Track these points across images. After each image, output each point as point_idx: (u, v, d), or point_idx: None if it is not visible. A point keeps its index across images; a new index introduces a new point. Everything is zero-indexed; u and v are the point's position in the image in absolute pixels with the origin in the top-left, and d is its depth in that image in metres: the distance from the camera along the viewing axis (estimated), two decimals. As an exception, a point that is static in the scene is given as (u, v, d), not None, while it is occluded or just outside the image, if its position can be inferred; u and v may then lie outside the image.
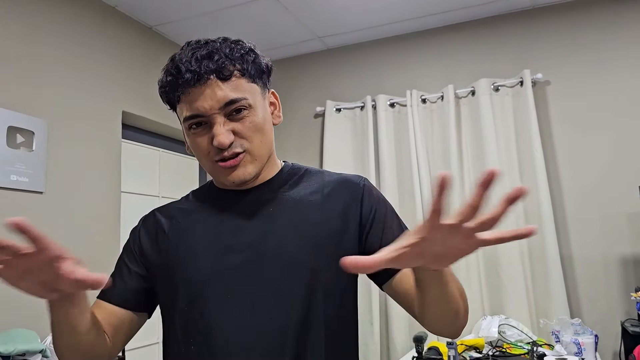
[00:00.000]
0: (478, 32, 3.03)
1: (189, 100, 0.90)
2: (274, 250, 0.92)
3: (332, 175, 1.05)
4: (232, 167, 0.92)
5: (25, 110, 2.14)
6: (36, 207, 2.15)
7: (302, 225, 0.95)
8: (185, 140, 0.99)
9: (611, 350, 2.57)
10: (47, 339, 1.94)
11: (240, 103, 0.90)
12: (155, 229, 1.03)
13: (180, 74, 0.89)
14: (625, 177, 2.62)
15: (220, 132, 0.89)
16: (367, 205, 0.99)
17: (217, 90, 0.89)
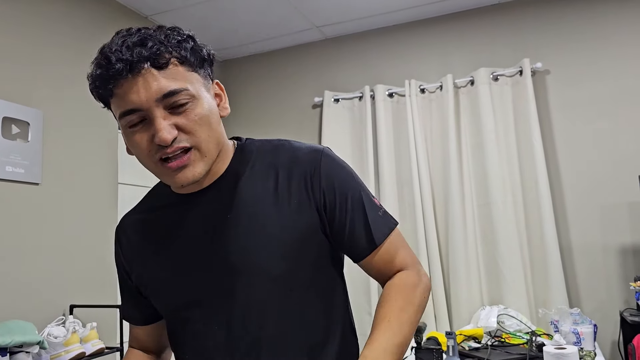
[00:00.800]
0: (477, 21, 3.00)
1: (122, 94, 0.79)
2: (241, 262, 0.87)
3: (287, 151, 0.93)
4: (179, 168, 0.82)
5: (20, 101, 2.12)
6: (32, 199, 2.13)
7: (263, 229, 0.87)
8: (125, 141, 0.88)
9: (610, 340, 2.57)
10: (45, 330, 1.93)
11: (181, 94, 0.80)
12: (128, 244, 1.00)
13: (111, 64, 0.78)
14: (625, 167, 2.61)
15: (161, 127, 0.79)
16: (327, 185, 0.90)
17: (153, 81, 0.79)
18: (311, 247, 0.90)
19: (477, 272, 2.77)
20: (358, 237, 0.91)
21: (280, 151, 0.93)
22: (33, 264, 2.11)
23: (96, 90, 0.83)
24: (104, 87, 0.81)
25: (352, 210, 0.90)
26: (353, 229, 0.91)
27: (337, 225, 0.91)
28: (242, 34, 3.17)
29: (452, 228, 2.79)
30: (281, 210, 0.88)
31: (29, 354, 1.79)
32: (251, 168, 0.92)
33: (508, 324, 2.45)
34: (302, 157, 0.91)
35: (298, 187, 0.89)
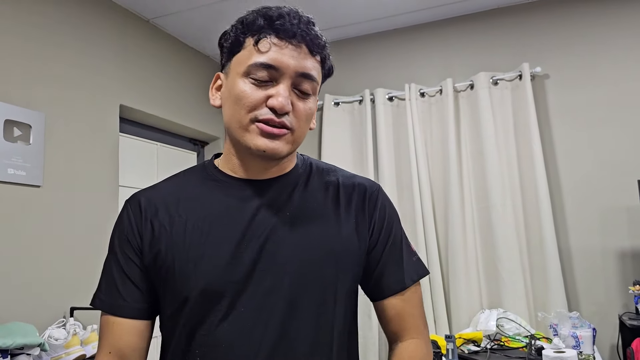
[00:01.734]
0: (477, 26, 3.02)
1: (270, 48, 0.83)
2: (291, 261, 0.86)
3: (345, 176, 0.99)
4: (271, 135, 0.83)
5: (22, 104, 2.13)
6: (33, 201, 2.14)
7: (319, 238, 0.89)
8: (215, 86, 0.92)
9: (609, 344, 2.58)
10: (46, 332, 1.94)
11: (312, 83, 0.86)
12: (149, 219, 0.90)
13: (282, 19, 0.83)
14: (624, 171, 2.62)
15: (285, 95, 0.82)
16: (379, 218, 0.96)
17: (302, 57, 0.84)
18: (357, 267, 0.94)
19: (476, 275, 2.78)
20: (388, 275, 0.95)
21: (338, 173, 1.00)
22: (34, 266, 2.11)
23: (242, 31, 0.86)
24: (254, 33, 0.84)
25: (391, 247, 0.96)
26: (385, 265, 0.95)
27: (372, 257, 0.95)
28: (242, 37, 3.18)
29: (452, 232, 2.80)
30: (341, 225, 0.92)
31: (29, 356, 1.79)
32: (312, 178, 0.96)
33: (507, 328, 2.46)
34: (362, 184, 0.98)
35: (356, 210, 0.94)
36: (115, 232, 0.95)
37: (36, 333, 1.84)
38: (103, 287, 0.93)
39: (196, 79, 3.27)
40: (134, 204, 0.93)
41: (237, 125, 0.86)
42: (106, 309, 0.91)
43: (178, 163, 3.24)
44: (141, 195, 0.95)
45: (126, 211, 0.94)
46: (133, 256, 0.90)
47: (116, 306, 0.90)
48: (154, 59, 2.92)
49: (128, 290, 0.90)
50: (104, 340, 0.91)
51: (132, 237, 0.91)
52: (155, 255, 0.88)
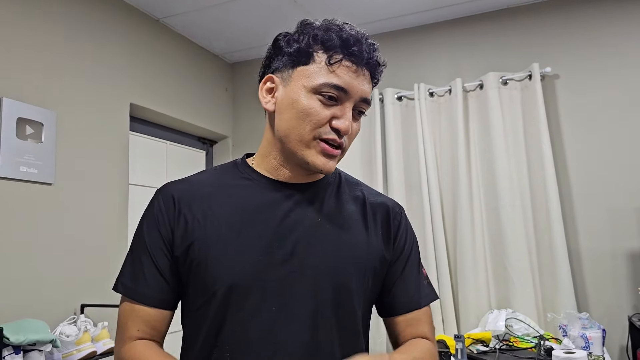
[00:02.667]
0: (487, 25, 3.01)
1: (344, 73, 0.86)
2: (320, 265, 0.88)
3: (371, 193, 1.03)
4: (329, 156, 0.88)
5: (34, 102, 2.15)
6: (45, 199, 2.16)
7: (349, 245, 0.92)
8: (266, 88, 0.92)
9: (618, 345, 2.57)
10: (57, 329, 1.95)
11: (366, 107, 0.91)
12: (182, 213, 0.90)
13: (359, 46, 0.87)
14: (634, 172, 2.61)
15: (349, 119, 0.87)
16: (401, 238, 1.00)
17: (366, 83, 0.89)
18: (381, 279, 0.97)
19: (485, 275, 2.77)
20: (405, 293, 0.98)
21: (364, 188, 1.04)
22: (45, 263, 2.13)
23: (323, 42, 0.87)
24: (329, 48, 0.86)
25: (410, 267, 1.00)
26: (403, 283, 0.99)
27: (390, 274, 0.98)
28: (251, 36, 3.19)
29: (461, 232, 2.80)
30: (369, 237, 0.95)
31: (41, 352, 1.81)
32: (342, 188, 1.00)
33: (516, 328, 2.45)
34: (388, 203, 1.02)
35: (382, 225, 0.98)
36: (144, 221, 0.94)
37: (48, 329, 1.86)
38: (127, 273, 0.92)
39: (206, 78, 3.29)
40: (167, 195, 0.93)
41: (297, 139, 0.88)
42: (130, 296, 0.90)
43: (187, 162, 3.25)
44: (173, 188, 0.94)
45: (157, 202, 0.93)
46: (162, 247, 0.90)
47: (141, 294, 0.89)
48: (163, 58, 2.93)
49: (155, 279, 0.89)
50: (130, 322, 0.89)
51: (163, 228, 0.90)
52: (187, 248, 0.88)
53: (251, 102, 3.49)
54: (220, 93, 3.44)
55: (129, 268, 0.92)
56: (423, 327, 0.98)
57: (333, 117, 0.86)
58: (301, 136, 0.87)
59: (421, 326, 0.98)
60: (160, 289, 0.89)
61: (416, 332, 0.98)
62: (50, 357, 1.88)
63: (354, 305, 0.91)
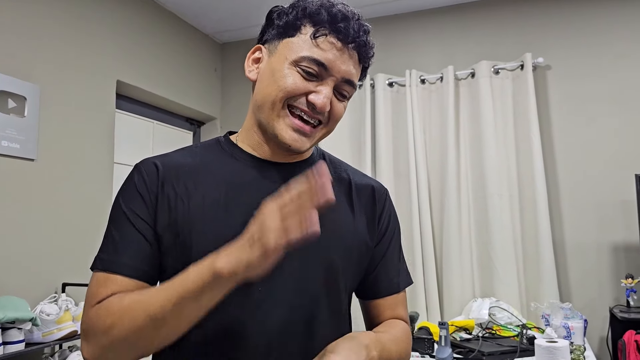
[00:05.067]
0: (480, 14, 2.99)
1: (328, 48, 0.84)
2: (306, 246, 0.81)
3: (356, 174, 1.02)
4: (299, 130, 0.85)
5: (17, 75, 2.09)
6: (27, 175, 2.11)
7: (335, 224, 0.89)
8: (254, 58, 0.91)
9: (598, 335, 2.60)
10: (37, 307, 1.92)
11: (352, 89, 0.88)
12: (168, 184, 0.85)
13: (346, 22, 0.84)
14: (622, 165, 2.62)
15: (327, 96, 0.84)
16: (385, 221, 0.99)
17: (352, 63, 0.86)
18: (365, 260, 0.96)
19: (470, 264, 2.79)
20: (385, 277, 0.98)
21: (348, 169, 1.01)
22: (26, 240, 2.09)
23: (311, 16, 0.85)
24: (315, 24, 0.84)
25: (392, 250, 1.00)
26: (384, 267, 0.98)
27: (373, 257, 0.97)
28: (242, 17, 3.14)
29: (447, 220, 2.80)
30: (355, 219, 0.94)
31: (21, 330, 1.78)
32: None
33: (499, 317, 2.47)
34: (373, 184, 1.01)
35: (366, 209, 0.97)
36: (122, 194, 0.87)
37: (28, 308, 1.83)
38: (105, 248, 0.84)
39: (195, 58, 3.23)
40: (148, 166, 0.88)
41: (269, 107, 0.85)
42: (107, 268, 0.81)
43: (174, 142, 3.20)
44: (156, 160, 0.89)
45: (138, 173, 0.87)
46: (144, 215, 0.83)
47: (120, 264, 0.80)
48: (152, 36, 2.87)
49: (136, 248, 0.82)
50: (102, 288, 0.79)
51: (146, 196, 0.84)
52: (170, 225, 0.83)
53: (241, 84, 3.44)
54: (209, 73, 3.39)
55: (106, 243, 0.85)
56: (400, 310, 1.00)
57: (311, 91, 0.84)
58: (273, 103, 0.84)
59: (398, 309, 0.99)
60: (142, 259, 0.82)
61: (393, 315, 0.99)
62: (30, 335, 1.85)
63: (340, 284, 0.90)
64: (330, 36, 0.84)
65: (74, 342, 2.06)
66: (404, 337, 0.95)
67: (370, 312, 1.00)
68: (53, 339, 1.89)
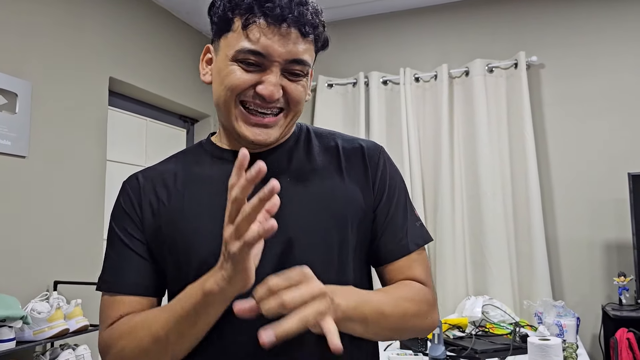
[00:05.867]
0: (475, 12, 2.99)
1: (258, 33, 0.79)
2: (294, 223, 0.83)
3: (345, 139, 0.97)
4: (261, 125, 0.82)
5: (8, 71, 2.07)
6: (18, 172, 2.09)
7: (324, 198, 0.86)
8: (206, 59, 0.89)
9: (591, 333, 2.61)
10: (29, 305, 1.91)
11: (304, 67, 0.83)
12: (147, 195, 0.88)
13: (272, 2, 0.78)
14: (614, 164, 2.64)
15: (273, 84, 0.80)
16: (381, 180, 0.92)
17: (292, 42, 0.80)
18: (366, 224, 0.90)
19: (463, 262, 2.79)
20: (391, 240, 0.91)
21: (337, 137, 0.97)
22: (17, 238, 2.07)
23: (231, 8, 0.81)
24: (242, 13, 0.80)
25: (395, 210, 0.92)
26: (388, 228, 0.91)
27: (376, 219, 0.91)
28: (237, 14, 3.12)
29: (441, 218, 2.80)
30: (345, 185, 0.89)
31: (11, 328, 1.76)
32: (311, 143, 0.94)
33: (492, 315, 2.48)
34: (363, 146, 0.95)
35: (358, 172, 0.91)
36: (114, 214, 0.91)
37: (19, 306, 1.81)
38: (105, 269, 0.89)
39: (188, 55, 3.21)
40: (132, 182, 0.91)
41: (224, 108, 0.84)
42: (110, 289, 0.87)
43: (167, 139, 3.19)
44: (138, 174, 0.93)
45: (125, 192, 0.91)
46: (135, 231, 0.87)
47: (120, 284, 0.86)
48: (146, 33, 2.85)
49: (132, 267, 0.86)
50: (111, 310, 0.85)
51: (132, 213, 0.88)
52: (156, 232, 0.86)
53: (234, 81, 3.42)
54: (203, 71, 3.37)
55: (107, 263, 0.90)
56: (415, 271, 0.90)
57: (258, 82, 0.81)
58: (226, 104, 0.83)
59: (413, 270, 0.90)
60: (140, 275, 0.86)
61: (406, 277, 0.90)
62: (21, 333, 1.84)
63: (337, 259, 0.85)
64: (259, 21, 0.79)
65: (65, 341, 2.04)
66: (412, 294, 0.87)
67: (384, 280, 0.93)
68: (44, 337, 1.87)
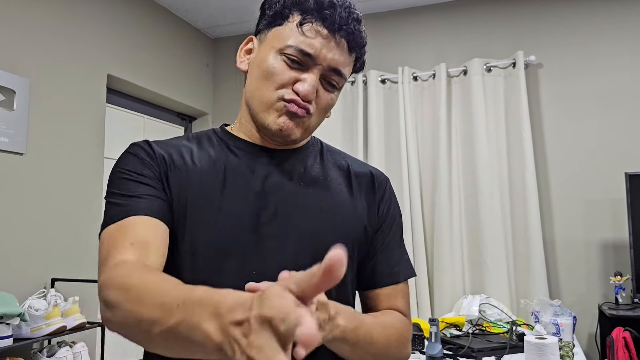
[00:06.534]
0: (473, 11, 2.99)
1: (314, 35, 0.82)
2: (303, 229, 0.85)
3: (355, 162, 1.00)
4: (293, 116, 0.83)
5: (6, 68, 2.07)
6: (16, 169, 2.09)
7: (333, 209, 0.88)
8: (246, 48, 0.90)
9: (587, 332, 2.62)
10: (26, 302, 1.90)
11: (341, 79, 0.86)
12: (163, 157, 0.84)
13: (333, 10, 0.82)
14: (611, 163, 2.64)
15: (313, 84, 0.82)
16: (385, 208, 0.96)
17: (339, 52, 0.83)
18: (365, 246, 0.93)
19: (460, 261, 2.80)
20: (385, 265, 0.94)
21: (348, 157, 1.00)
22: (15, 235, 2.07)
23: (299, 3, 0.84)
24: (304, 12, 0.83)
25: (392, 239, 0.96)
26: (384, 255, 0.94)
27: (373, 243, 0.94)
28: (234, 12, 3.12)
29: (439, 217, 2.81)
30: (354, 203, 0.92)
31: (9, 325, 1.76)
32: (325, 156, 0.96)
33: (489, 313, 2.48)
34: (373, 171, 0.99)
35: (366, 195, 0.94)
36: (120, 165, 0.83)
37: (16, 303, 1.81)
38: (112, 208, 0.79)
39: (186, 53, 3.21)
40: (143, 143, 0.86)
41: (259, 99, 0.85)
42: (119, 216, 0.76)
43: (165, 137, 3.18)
44: (146, 141, 0.88)
45: (135, 149, 0.85)
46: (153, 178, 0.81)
47: (135, 207, 0.76)
48: (144, 31, 2.85)
49: (150, 194, 0.79)
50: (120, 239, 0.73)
51: (152, 163, 0.83)
52: (177, 195, 0.82)
53: (232, 79, 3.42)
54: (201, 68, 3.37)
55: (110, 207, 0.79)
56: (398, 302, 0.94)
57: (297, 79, 0.82)
58: (263, 96, 0.84)
59: (397, 300, 0.94)
60: (159, 204, 0.79)
61: (390, 306, 0.93)
62: (19, 331, 1.84)
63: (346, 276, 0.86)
64: (316, 24, 0.82)
65: (62, 338, 2.05)
66: (396, 323, 0.89)
67: (367, 304, 0.96)
68: (41, 335, 1.88)
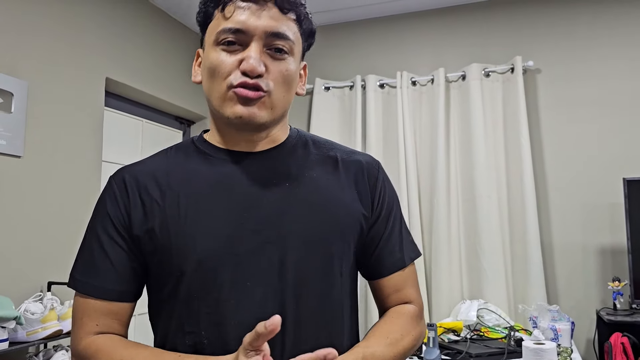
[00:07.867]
0: (472, 16, 3.00)
1: (236, 12, 0.81)
2: (294, 231, 0.83)
3: (345, 151, 0.96)
4: (247, 100, 0.80)
5: (4, 70, 2.06)
6: (13, 172, 2.08)
7: (324, 207, 0.86)
8: (197, 63, 0.90)
9: (585, 338, 2.62)
10: (22, 306, 1.89)
11: (286, 42, 0.82)
12: (137, 196, 0.85)
13: None
14: (610, 168, 2.65)
15: (255, 56, 0.79)
16: (380, 195, 0.93)
17: (270, 16, 0.81)
18: (361, 239, 0.92)
19: (458, 266, 2.79)
20: (389, 253, 0.93)
21: (336, 148, 0.96)
22: (11, 238, 2.06)
23: (213, 1, 0.84)
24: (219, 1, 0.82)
25: (392, 226, 0.94)
26: (387, 243, 0.93)
27: (373, 234, 0.92)
28: (234, 16, 3.12)
29: (437, 221, 2.80)
30: (344, 196, 0.89)
31: (4, 329, 1.75)
32: (309, 150, 0.93)
33: (487, 319, 2.47)
34: (362, 159, 0.96)
35: (357, 185, 0.92)
36: (97, 210, 0.89)
37: (12, 306, 1.80)
38: (79, 266, 0.87)
39: (185, 56, 3.21)
40: (119, 180, 0.88)
41: (216, 96, 0.83)
42: (83, 290, 0.85)
43: (163, 141, 3.18)
44: (126, 172, 0.89)
45: (110, 188, 0.88)
46: (117, 237, 0.85)
47: (95, 287, 0.84)
48: (143, 34, 2.85)
49: (108, 270, 0.84)
50: (86, 317, 0.84)
51: (117, 217, 0.85)
52: (148, 232, 0.83)
53: (231, 83, 3.42)
54: (199, 72, 3.36)
55: (80, 260, 0.87)
56: (408, 291, 0.95)
57: (241, 61, 0.81)
58: (215, 91, 0.83)
59: (406, 289, 0.94)
60: (115, 280, 0.84)
61: (400, 298, 0.94)
62: (14, 334, 1.82)
63: (335, 271, 0.86)
64: (236, 2, 0.81)
65: (58, 342, 2.03)
66: (407, 328, 0.89)
67: (378, 294, 0.96)
68: (37, 338, 1.86)
